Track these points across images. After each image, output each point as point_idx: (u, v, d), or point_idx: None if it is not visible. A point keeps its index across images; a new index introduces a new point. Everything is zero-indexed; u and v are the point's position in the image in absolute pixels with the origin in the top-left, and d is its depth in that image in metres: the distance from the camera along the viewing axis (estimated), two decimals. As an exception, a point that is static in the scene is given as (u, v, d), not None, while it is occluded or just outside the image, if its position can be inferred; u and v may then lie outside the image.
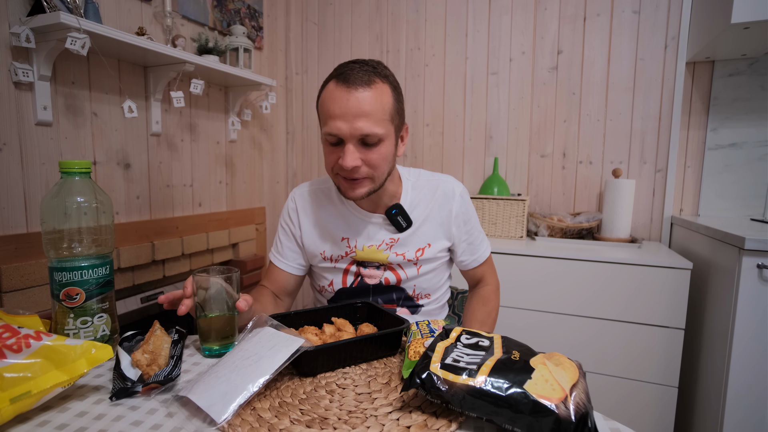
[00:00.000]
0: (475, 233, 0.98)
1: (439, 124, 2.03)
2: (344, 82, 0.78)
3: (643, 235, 1.77)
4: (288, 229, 0.99)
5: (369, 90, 0.78)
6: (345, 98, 0.77)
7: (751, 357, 1.15)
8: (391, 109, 0.82)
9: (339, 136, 0.78)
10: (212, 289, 0.68)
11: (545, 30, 1.84)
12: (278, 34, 2.22)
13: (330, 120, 0.79)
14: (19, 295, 1.13)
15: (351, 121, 0.77)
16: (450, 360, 0.51)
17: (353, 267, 0.95)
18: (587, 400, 0.46)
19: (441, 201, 0.95)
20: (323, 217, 0.96)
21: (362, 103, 0.77)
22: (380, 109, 0.79)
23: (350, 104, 0.77)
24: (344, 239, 0.94)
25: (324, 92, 0.82)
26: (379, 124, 0.79)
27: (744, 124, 1.62)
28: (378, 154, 0.81)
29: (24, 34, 1.10)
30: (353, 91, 0.77)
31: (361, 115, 0.77)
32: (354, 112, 0.77)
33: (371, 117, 0.78)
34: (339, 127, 0.78)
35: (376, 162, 0.81)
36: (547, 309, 1.49)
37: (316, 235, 0.96)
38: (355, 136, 0.78)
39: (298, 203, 0.98)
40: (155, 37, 1.51)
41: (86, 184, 0.67)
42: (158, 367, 0.60)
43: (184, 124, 1.69)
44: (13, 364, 0.50)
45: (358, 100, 0.77)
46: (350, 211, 0.94)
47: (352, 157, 0.78)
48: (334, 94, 0.79)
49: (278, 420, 0.49)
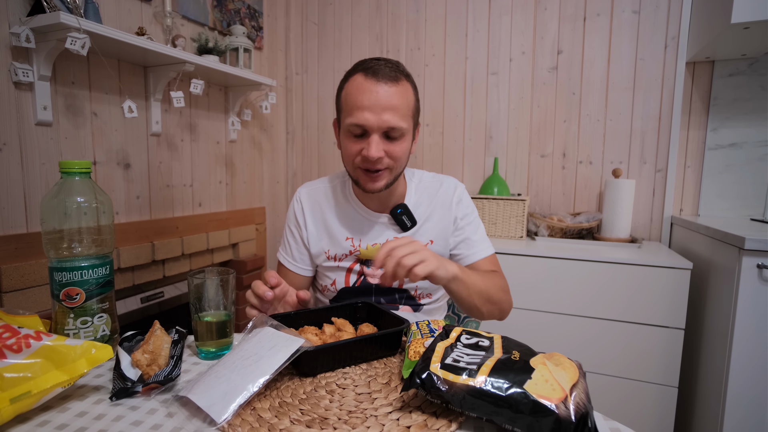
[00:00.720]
0: (473, 228, 0.97)
1: (439, 124, 2.03)
2: (373, 75, 0.80)
3: (643, 235, 1.77)
4: (296, 232, 1.00)
5: (396, 86, 0.81)
6: (374, 91, 0.79)
7: (751, 357, 1.15)
8: (413, 107, 0.85)
9: (365, 127, 0.80)
10: (208, 291, 0.67)
11: (545, 30, 1.84)
12: (278, 34, 2.22)
13: (357, 111, 0.80)
14: (19, 295, 1.13)
15: (379, 113, 0.79)
16: (450, 360, 0.51)
17: (356, 266, 0.95)
18: (587, 400, 0.46)
19: (443, 199, 0.96)
20: (328, 216, 0.97)
21: (391, 97, 0.80)
22: (405, 105, 0.82)
23: (380, 97, 0.79)
24: (348, 239, 0.94)
25: (349, 84, 0.83)
26: (404, 119, 0.82)
27: (744, 124, 1.62)
28: (400, 147, 0.83)
29: (24, 34, 1.10)
30: (383, 85, 0.79)
31: (389, 109, 0.79)
32: (383, 104, 0.79)
33: (398, 111, 0.80)
34: (367, 119, 0.79)
35: (398, 155, 0.83)
36: (547, 309, 1.49)
37: (321, 234, 0.97)
38: (382, 128, 0.80)
39: (304, 203, 0.99)
40: (155, 37, 1.51)
41: (86, 184, 0.67)
42: (158, 367, 0.59)
43: (184, 124, 1.69)
44: (13, 364, 0.50)
45: (387, 93, 0.79)
46: (356, 210, 0.95)
47: (377, 148, 0.80)
48: (363, 86, 0.80)
49: (278, 420, 0.49)
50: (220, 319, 0.68)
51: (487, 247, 0.97)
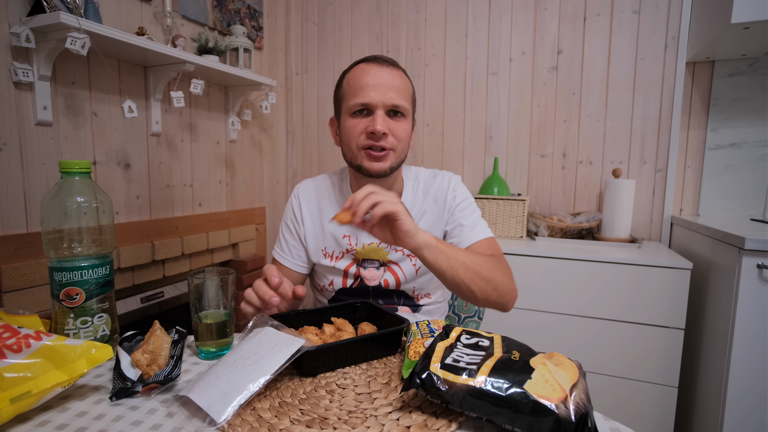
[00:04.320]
0: (466, 214, 0.93)
1: (439, 124, 2.03)
2: (375, 60, 0.86)
3: (643, 235, 1.77)
4: (292, 227, 0.99)
5: (398, 70, 0.87)
6: (378, 72, 0.84)
7: (751, 357, 1.15)
8: (412, 94, 0.90)
9: (370, 105, 0.83)
10: (208, 291, 0.67)
11: (545, 30, 1.84)
12: (278, 34, 2.22)
13: (361, 90, 0.83)
14: (19, 295, 1.13)
15: (383, 92, 0.83)
16: (450, 360, 0.51)
17: (352, 268, 0.95)
18: (587, 400, 0.46)
19: (436, 194, 0.96)
20: (326, 213, 0.97)
21: (393, 77, 0.85)
22: (406, 89, 0.87)
23: (383, 76, 0.84)
24: (345, 236, 0.94)
25: (352, 71, 0.88)
26: (406, 100, 0.86)
27: (744, 124, 1.62)
28: (403, 128, 0.86)
29: (24, 34, 1.10)
30: (385, 68, 0.85)
31: (393, 88, 0.84)
32: (387, 83, 0.83)
33: (400, 91, 0.85)
34: (372, 96, 0.82)
35: (401, 135, 0.86)
36: (547, 309, 1.49)
37: (319, 231, 0.97)
38: (387, 105, 0.83)
39: (302, 200, 0.99)
40: (155, 37, 1.51)
41: (86, 184, 0.67)
42: (158, 367, 0.59)
43: (184, 124, 1.69)
44: (13, 364, 0.50)
45: (390, 75, 0.85)
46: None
47: (383, 122, 0.83)
48: (366, 69, 0.85)
49: (278, 420, 0.49)
50: (220, 319, 0.68)
51: (481, 231, 0.91)
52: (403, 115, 0.86)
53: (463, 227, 0.92)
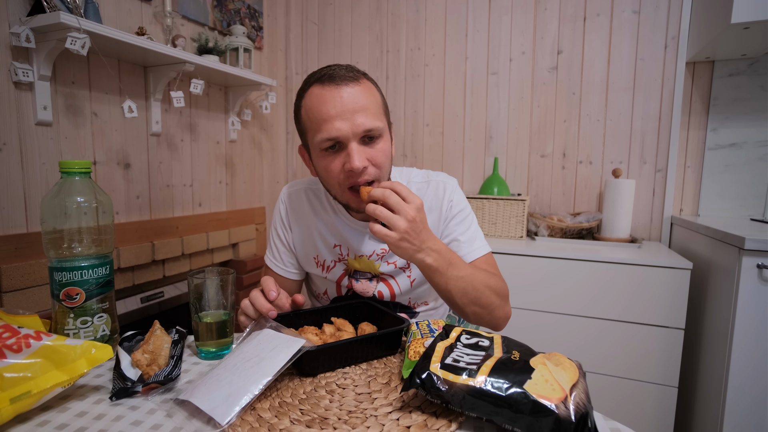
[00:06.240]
0: (461, 229, 0.89)
1: (439, 124, 2.03)
2: (330, 81, 0.73)
3: (643, 235, 1.77)
4: (281, 233, 0.95)
5: (359, 84, 0.74)
6: (338, 96, 0.72)
7: (751, 357, 1.15)
8: (382, 104, 0.79)
9: (340, 138, 0.72)
10: (208, 290, 0.67)
11: (545, 30, 1.84)
12: (278, 34, 2.22)
13: (325, 123, 0.72)
14: (19, 295, 1.13)
15: (350, 118, 0.72)
16: (450, 360, 0.51)
17: (345, 281, 0.91)
18: (587, 400, 0.46)
19: (431, 203, 0.89)
20: (315, 222, 0.92)
21: (357, 97, 0.73)
22: (374, 103, 0.76)
23: (345, 101, 0.72)
24: (336, 246, 0.90)
25: (307, 99, 0.76)
26: (377, 118, 0.75)
27: (744, 124, 1.62)
28: (381, 151, 0.76)
29: (24, 34, 1.10)
30: (344, 87, 0.72)
31: (360, 110, 0.72)
32: (351, 108, 0.72)
33: (369, 110, 0.73)
34: (339, 128, 0.71)
35: (381, 160, 0.76)
36: (547, 309, 1.49)
37: (308, 239, 0.93)
38: (358, 133, 0.72)
39: (289, 206, 0.94)
40: (155, 37, 1.51)
41: (86, 184, 0.67)
42: (158, 367, 0.59)
43: (184, 124, 1.69)
44: (13, 364, 0.50)
45: (352, 95, 0.72)
46: (343, 221, 0.89)
47: (360, 157, 0.72)
48: (324, 96, 0.73)
49: (278, 420, 0.49)
50: (220, 319, 0.68)
51: (478, 247, 0.87)
52: (380, 136, 0.76)
53: (460, 243, 0.87)
